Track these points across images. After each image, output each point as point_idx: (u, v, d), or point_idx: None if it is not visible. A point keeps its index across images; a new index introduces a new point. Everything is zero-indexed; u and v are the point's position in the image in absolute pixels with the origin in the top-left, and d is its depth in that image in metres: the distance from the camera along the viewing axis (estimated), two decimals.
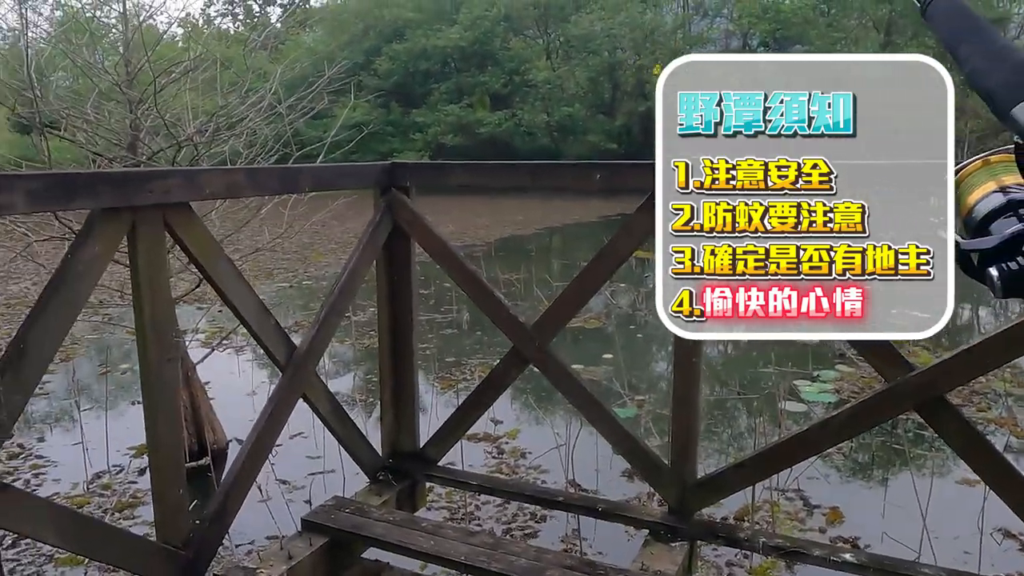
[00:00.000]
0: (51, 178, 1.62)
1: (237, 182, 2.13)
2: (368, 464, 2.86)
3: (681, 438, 2.43)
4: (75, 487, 4.46)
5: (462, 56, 28.77)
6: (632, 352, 7.26)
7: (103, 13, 7.40)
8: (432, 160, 25.54)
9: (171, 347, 1.95)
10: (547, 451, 4.80)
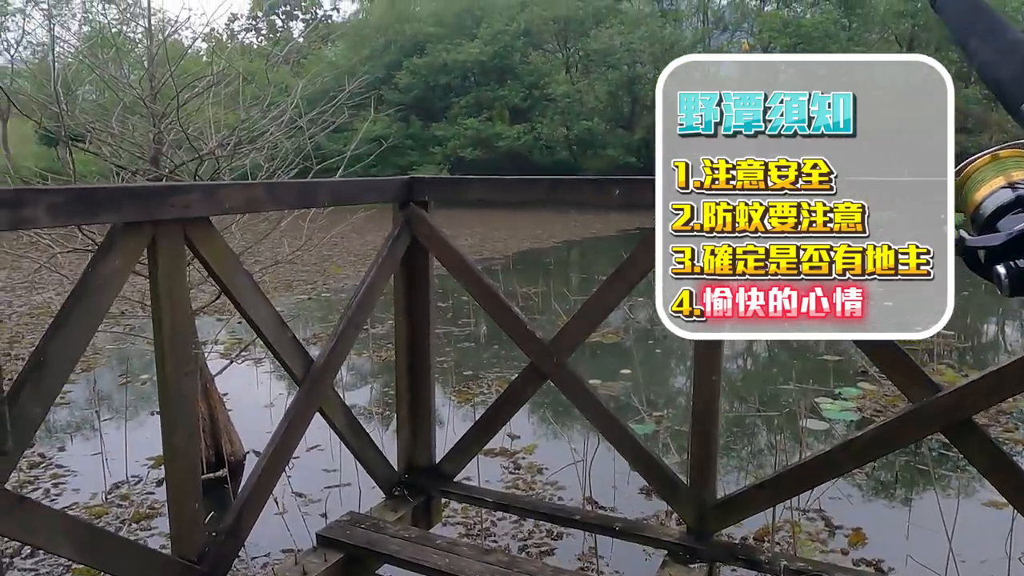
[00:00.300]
0: (73, 192, 1.63)
1: (257, 197, 2.14)
2: (384, 479, 2.85)
3: (700, 458, 2.40)
4: (94, 497, 4.49)
5: (482, 70, 28.94)
6: (650, 367, 7.21)
7: (130, 28, 7.53)
8: (451, 173, 25.68)
9: (189, 361, 1.96)
10: (564, 467, 4.76)
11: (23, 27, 26.11)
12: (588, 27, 28.11)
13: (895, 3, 24.48)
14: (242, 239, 5.22)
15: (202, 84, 4.56)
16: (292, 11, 41.21)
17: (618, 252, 14.95)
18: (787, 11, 28.57)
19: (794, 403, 5.94)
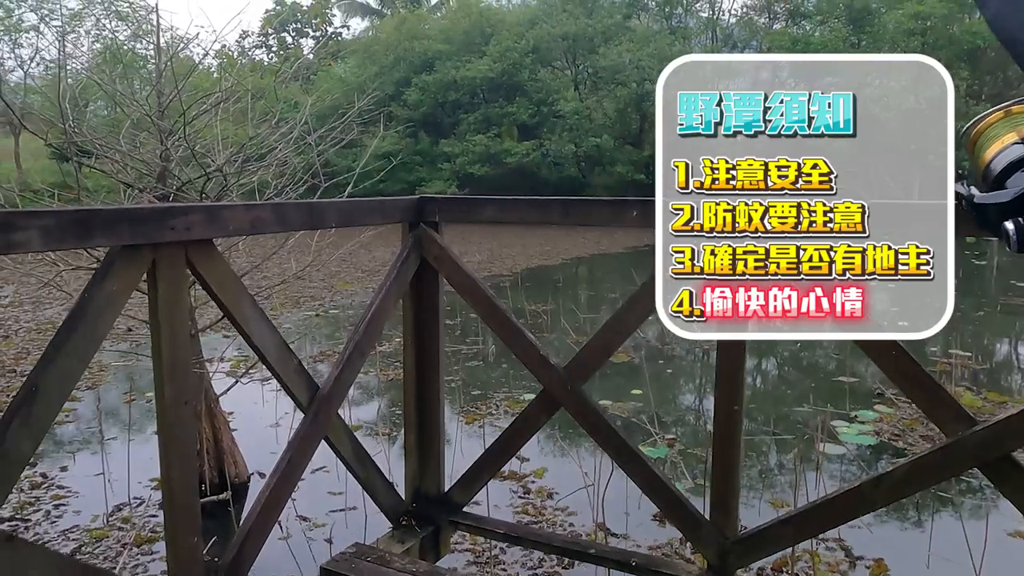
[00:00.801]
0: (67, 215, 1.56)
1: (262, 218, 2.06)
2: (390, 508, 2.75)
3: (722, 492, 2.29)
4: (95, 519, 4.40)
5: (491, 87, 29.01)
6: (661, 387, 7.09)
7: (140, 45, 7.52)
8: (459, 189, 25.67)
9: (188, 389, 1.87)
10: (574, 491, 4.65)
11: (36, 44, 26.37)
12: (597, 44, 28.16)
13: (904, 21, 24.43)
14: (248, 257, 5.16)
15: (211, 101, 4.51)
16: (303, 28, 41.52)
17: (627, 269, 14.86)
18: (796, 29, 28.58)
19: (808, 425, 5.81)
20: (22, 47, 27.73)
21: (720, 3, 30.82)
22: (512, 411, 6.35)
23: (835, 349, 8.67)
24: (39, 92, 6.09)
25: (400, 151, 26.69)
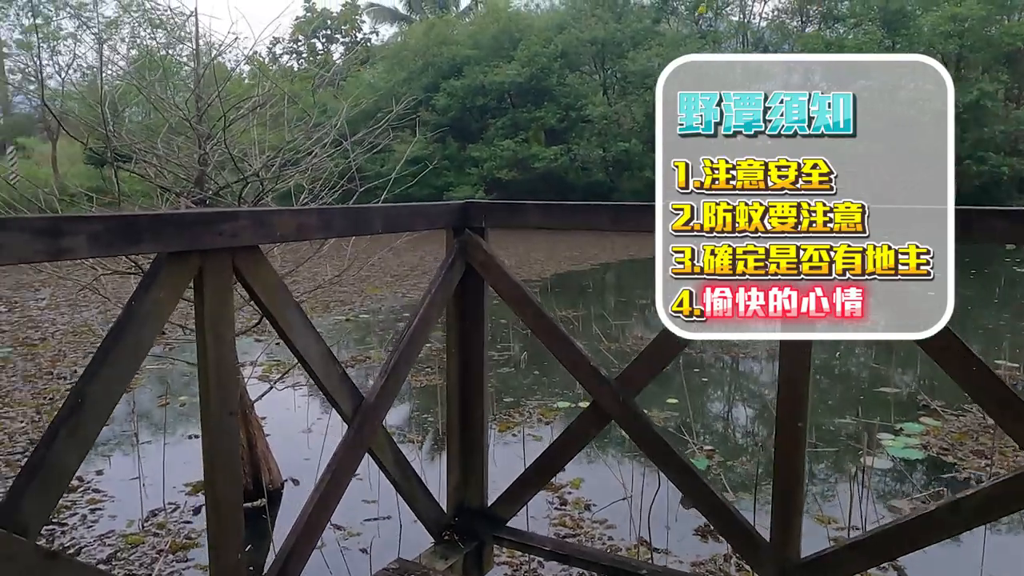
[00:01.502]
0: (114, 221, 1.50)
1: (308, 223, 2.00)
2: (432, 522, 2.67)
3: (783, 512, 2.18)
4: (131, 524, 4.38)
5: (518, 92, 28.98)
6: (696, 396, 6.94)
7: (176, 51, 7.59)
8: (487, 194, 25.62)
9: (233, 400, 1.81)
10: (613, 503, 4.54)
11: (74, 50, 26.89)
12: (626, 49, 28.00)
13: (941, 23, 23.94)
14: (283, 262, 5.14)
15: (248, 105, 4.49)
16: (332, 35, 41.88)
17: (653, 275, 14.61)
18: (829, 32, 28.16)
19: (851, 437, 5.64)
20: (60, 54, 28.30)
21: (751, 6, 30.48)
22: (545, 419, 6.25)
23: (874, 358, 8.46)
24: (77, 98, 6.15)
25: (428, 156, 26.79)
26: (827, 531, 4.08)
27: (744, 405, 7.14)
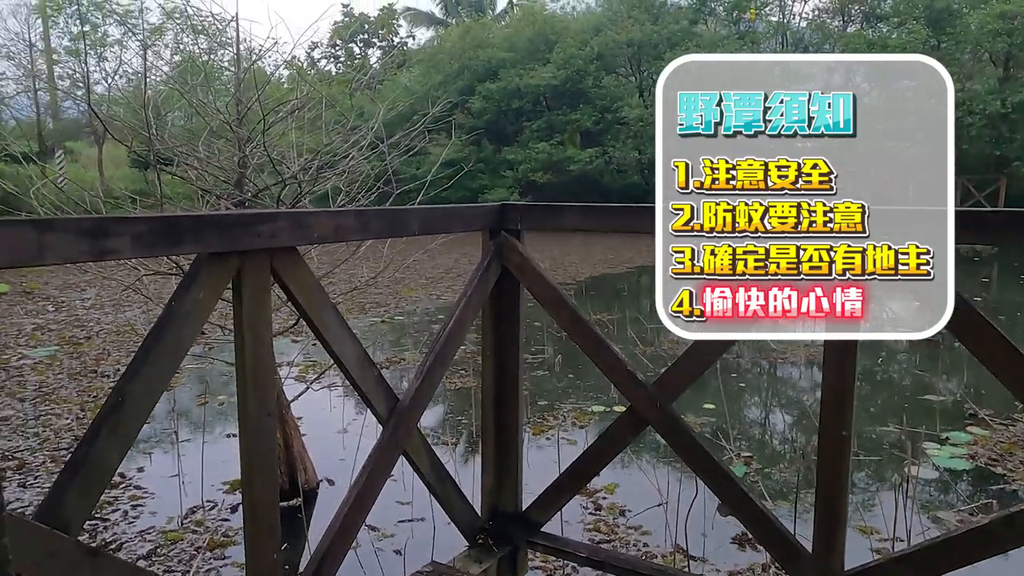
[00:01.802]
0: (157, 222, 1.52)
1: (345, 225, 2.00)
2: (466, 525, 2.66)
3: (826, 523, 2.12)
4: (170, 521, 4.45)
5: (554, 94, 28.94)
6: (732, 401, 6.84)
7: (218, 56, 7.72)
8: (521, 197, 25.61)
9: (271, 401, 1.82)
10: (648, 508, 4.49)
11: (120, 57, 27.59)
12: (662, 51, 27.78)
13: (989, 21, 23.29)
14: (319, 264, 5.18)
15: (287, 108, 4.55)
16: (370, 39, 42.32)
17: None
18: (871, 32, 27.60)
19: (895, 447, 5.50)
20: (107, 60, 29.06)
21: (791, 6, 30.01)
22: (580, 423, 6.21)
23: (918, 364, 8.25)
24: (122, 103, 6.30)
25: (463, 159, 26.88)
26: (870, 542, 3.98)
27: (782, 411, 7.02)
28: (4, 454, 5.55)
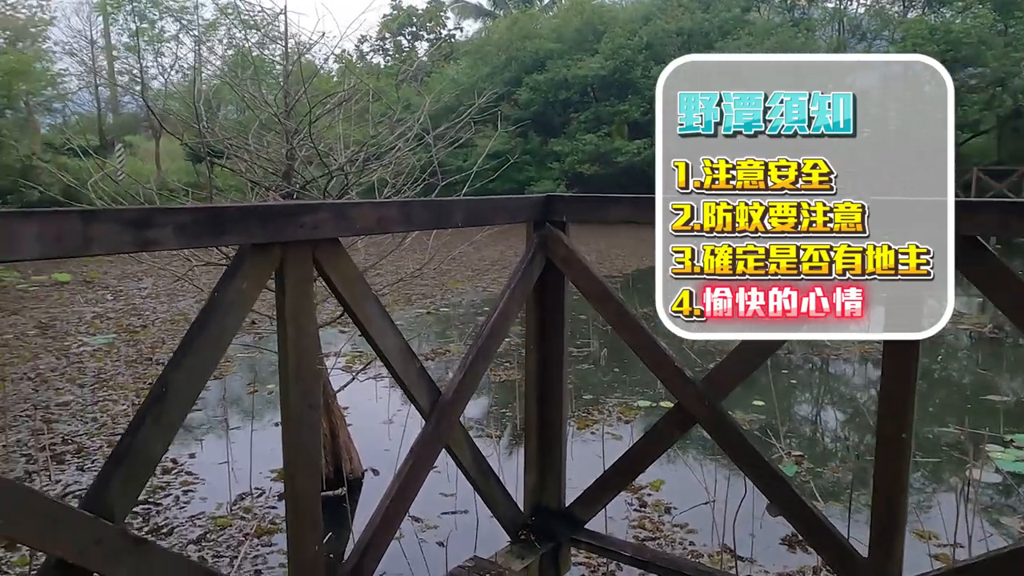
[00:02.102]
0: (200, 212, 1.51)
1: (388, 216, 1.98)
2: (508, 520, 2.63)
3: (884, 529, 2.02)
4: (219, 507, 4.54)
5: (602, 85, 28.65)
6: (784, 398, 6.67)
7: (268, 50, 7.83)
8: (568, 189, 25.46)
9: (314, 393, 1.81)
10: (694, 506, 4.40)
11: (176, 52, 28.31)
12: (714, 39, 27.26)
13: None
14: (366, 255, 5.21)
15: (334, 100, 4.57)
16: (418, 31, 42.53)
17: None
18: (934, 16, 26.60)
19: (955, 448, 5.29)
20: (163, 56, 29.83)
21: None
22: (625, 418, 6.14)
23: (980, 363, 7.93)
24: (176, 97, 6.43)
25: (510, 150, 26.82)
26: (927, 547, 3.83)
27: (835, 409, 6.82)
28: (64, 438, 5.74)
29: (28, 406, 6.52)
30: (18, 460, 5.30)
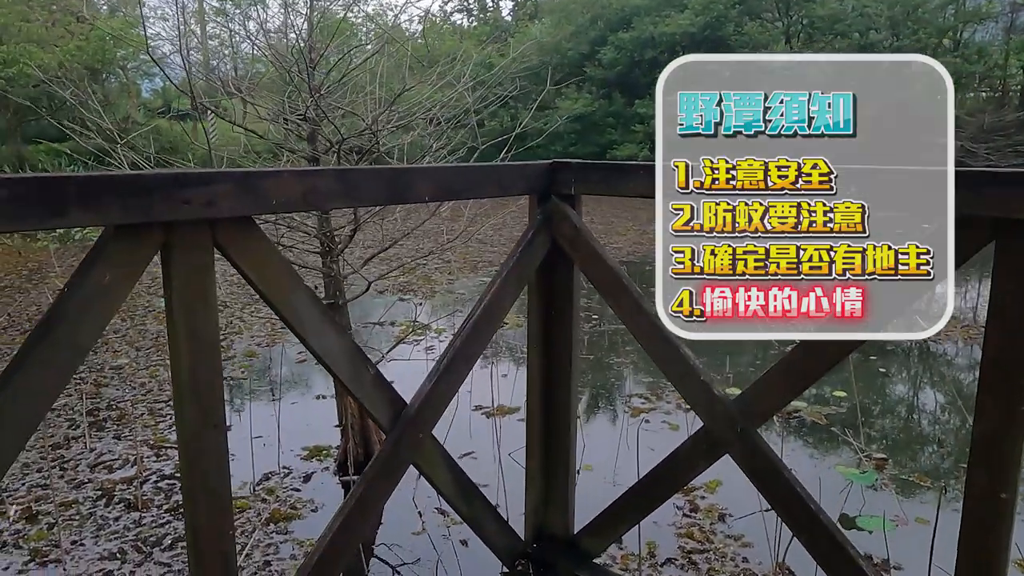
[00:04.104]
0: (21, 185, 1.14)
1: (319, 188, 1.56)
2: (505, 549, 2.22)
3: (976, 555, 1.50)
4: (243, 487, 4.34)
5: (691, 42, 27.19)
6: (870, 388, 5.97)
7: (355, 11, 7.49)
8: (652, 152, 24.42)
9: (216, 412, 1.44)
10: (751, 514, 3.89)
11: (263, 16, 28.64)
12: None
13: None
14: (403, 224, 4.85)
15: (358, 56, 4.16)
16: None
17: None
18: None
19: None
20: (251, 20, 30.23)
21: None
22: (686, 405, 5.61)
23: None
24: (262, 60, 6.17)
25: (592, 112, 25.89)
26: None
27: (930, 403, 6.07)
28: (109, 403, 5.72)
29: (85, 368, 6.58)
30: (61, 425, 5.29)
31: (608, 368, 6.81)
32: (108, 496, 4.20)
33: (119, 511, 4.04)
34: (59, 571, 3.48)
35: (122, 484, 4.35)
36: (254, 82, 5.17)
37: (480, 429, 5.07)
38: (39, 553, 3.62)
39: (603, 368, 6.79)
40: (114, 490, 4.27)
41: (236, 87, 4.07)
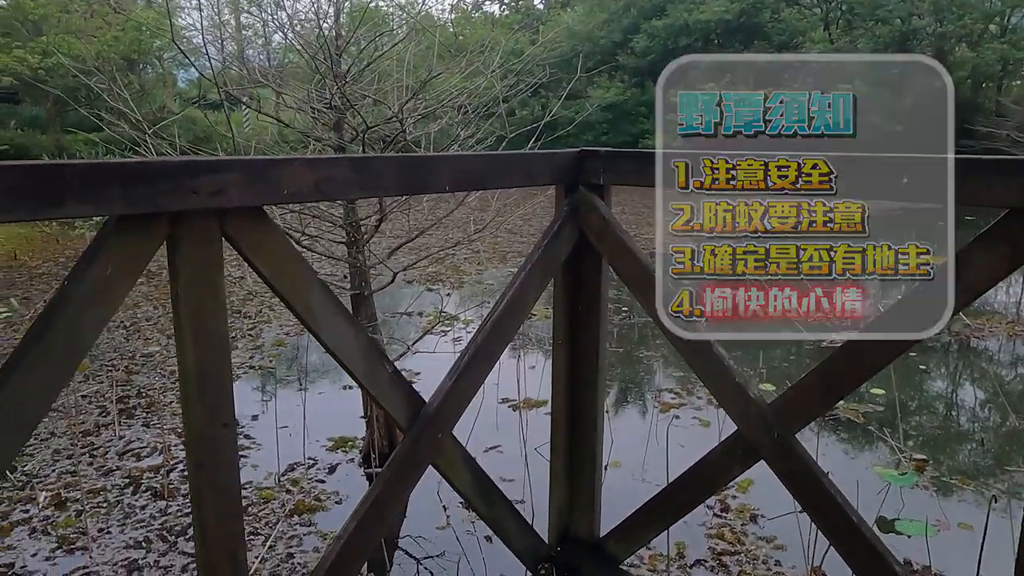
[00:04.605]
0: (15, 172, 1.08)
1: (333, 178, 1.48)
2: (527, 551, 2.15)
3: None
4: (268, 477, 4.34)
5: (726, 30, 26.72)
6: (909, 385, 5.78)
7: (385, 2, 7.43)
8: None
9: (225, 410, 1.38)
10: (784, 514, 3.76)
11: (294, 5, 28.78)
12: None
13: None
14: (428, 215, 4.78)
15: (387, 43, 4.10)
16: None
17: None
18: None
19: None
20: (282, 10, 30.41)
21: None
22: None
23: None
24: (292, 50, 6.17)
25: (625, 101, 25.57)
26: None
27: (973, 402, 5.86)
28: (139, 390, 5.76)
29: (116, 355, 6.64)
30: (92, 412, 5.33)
31: (638, 362, 6.70)
32: (135, 484, 4.22)
33: (145, 499, 4.05)
34: (86, 558, 3.49)
35: (149, 472, 4.37)
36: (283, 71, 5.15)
37: (506, 422, 5.00)
38: (66, 540, 3.64)
39: (633, 362, 6.68)
40: (141, 478, 4.29)
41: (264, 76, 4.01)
